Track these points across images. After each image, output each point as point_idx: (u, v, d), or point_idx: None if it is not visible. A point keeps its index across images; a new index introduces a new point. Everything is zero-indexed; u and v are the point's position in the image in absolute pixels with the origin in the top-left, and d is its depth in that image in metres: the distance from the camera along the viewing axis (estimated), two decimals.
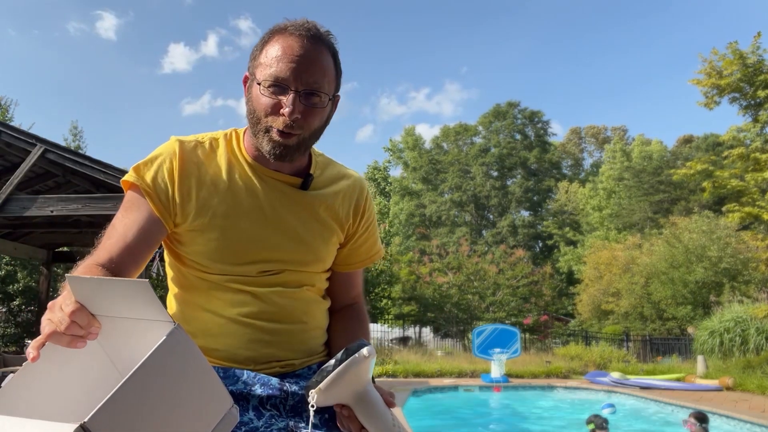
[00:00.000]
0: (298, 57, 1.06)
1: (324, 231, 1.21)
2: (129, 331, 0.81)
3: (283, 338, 1.14)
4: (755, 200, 13.27)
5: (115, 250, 1.05)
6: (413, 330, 23.03)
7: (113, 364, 0.86)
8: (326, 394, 0.94)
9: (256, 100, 1.09)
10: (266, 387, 1.08)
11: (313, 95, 1.07)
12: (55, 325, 0.76)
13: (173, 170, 1.12)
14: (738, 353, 12.99)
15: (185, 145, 1.15)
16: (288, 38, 1.08)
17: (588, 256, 27.74)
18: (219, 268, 1.13)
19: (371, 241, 1.32)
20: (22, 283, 14.38)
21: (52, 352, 0.77)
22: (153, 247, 1.11)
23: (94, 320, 0.78)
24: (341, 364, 0.92)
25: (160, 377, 0.72)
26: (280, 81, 1.05)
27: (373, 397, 0.98)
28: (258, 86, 1.08)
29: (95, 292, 0.78)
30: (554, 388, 11.62)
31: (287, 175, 1.18)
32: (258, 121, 1.09)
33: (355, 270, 1.32)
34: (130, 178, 1.12)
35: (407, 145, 47.24)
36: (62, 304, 0.78)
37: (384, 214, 33.61)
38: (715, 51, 13.79)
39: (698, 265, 19.68)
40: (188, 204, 1.12)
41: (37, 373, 0.77)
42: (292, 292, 1.17)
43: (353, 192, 1.27)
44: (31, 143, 7.82)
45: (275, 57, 1.06)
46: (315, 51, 1.08)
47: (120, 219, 1.11)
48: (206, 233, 1.12)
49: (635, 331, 21.51)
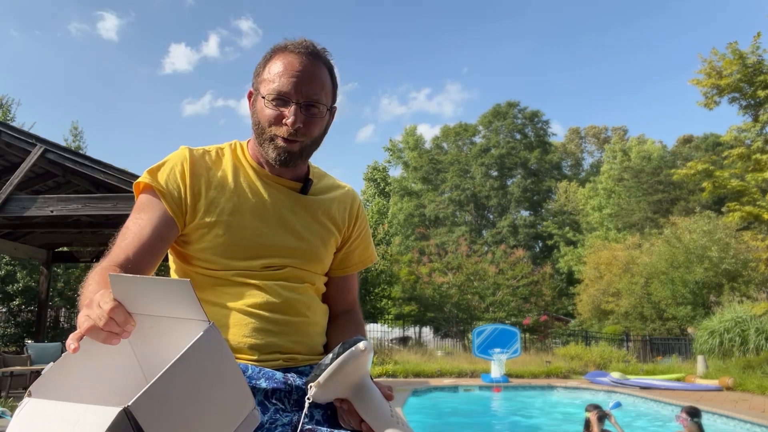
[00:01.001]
0: (299, 72, 1.17)
1: (323, 232, 1.29)
2: (161, 330, 0.84)
3: (287, 329, 1.18)
4: (755, 200, 13.27)
5: (131, 249, 1.11)
6: (413, 330, 23.04)
7: (138, 361, 0.89)
8: (325, 388, 0.97)
9: (261, 113, 1.20)
10: (271, 381, 1.10)
11: (312, 107, 1.18)
12: (93, 321, 0.79)
13: (185, 173, 1.21)
14: (738, 353, 12.99)
15: (194, 152, 1.25)
16: (288, 56, 1.19)
17: (588, 256, 27.75)
18: (225, 264, 1.19)
19: (364, 245, 1.41)
20: (22, 283, 14.37)
21: (87, 345, 0.81)
22: (167, 246, 1.18)
23: (130, 318, 0.82)
24: (338, 357, 0.95)
25: (195, 371, 0.76)
26: (282, 95, 1.17)
27: (371, 390, 1.00)
28: (262, 100, 1.19)
29: (135, 291, 0.81)
30: (554, 388, 11.62)
31: (288, 180, 1.28)
32: (263, 132, 1.20)
33: (350, 273, 1.40)
34: (145, 180, 1.20)
35: (407, 145, 47.25)
36: (100, 302, 0.82)
37: (383, 214, 33.60)
38: (715, 51, 13.80)
39: (699, 265, 19.68)
40: (198, 203, 1.20)
41: (73, 363, 0.81)
42: (294, 286, 1.22)
43: (347, 199, 1.38)
44: (31, 143, 7.82)
45: (277, 73, 1.18)
46: (313, 66, 1.19)
47: (133, 220, 1.17)
48: (214, 230, 1.19)
49: (635, 331, 21.52)
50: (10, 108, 18.47)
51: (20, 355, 9.91)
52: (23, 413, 0.75)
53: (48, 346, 10.08)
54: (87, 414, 0.72)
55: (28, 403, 0.76)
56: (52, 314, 14.75)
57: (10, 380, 8.35)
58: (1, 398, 7.78)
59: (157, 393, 0.71)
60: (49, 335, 13.44)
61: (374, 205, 32.85)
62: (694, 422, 4.94)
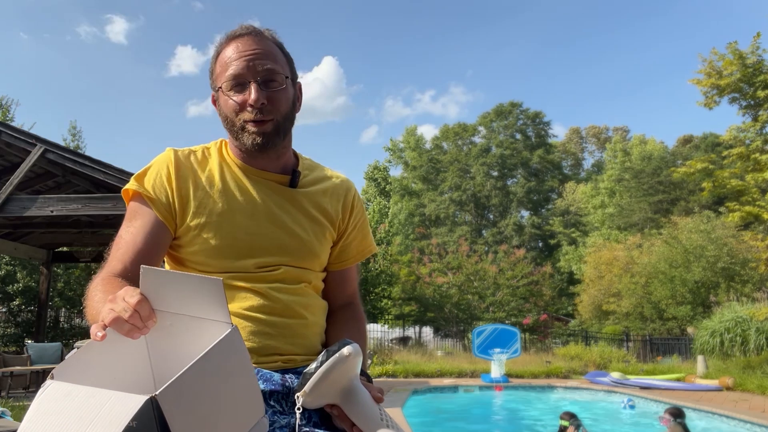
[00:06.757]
0: (247, 51, 1.15)
1: (315, 227, 1.25)
2: (180, 329, 0.85)
3: (285, 332, 1.17)
4: (755, 200, 13.25)
5: (127, 258, 1.11)
6: (413, 330, 23.02)
7: (149, 357, 0.90)
8: (312, 396, 0.97)
9: (225, 105, 1.17)
10: (269, 382, 1.10)
11: (271, 80, 1.15)
12: (117, 313, 0.80)
13: (170, 176, 1.19)
14: (738, 353, 12.98)
15: (179, 154, 1.23)
16: (232, 42, 1.18)
17: (589, 255, 27.74)
18: (218, 265, 1.17)
19: (361, 236, 1.36)
20: (22, 283, 14.36)
21: (109, 336, 0.82)
22: (162, 251, 1.17)
23: (153, 314, 0.83)
24: (322, 365, 0.95)
25: (218, 370, 0.77)
26: (237, 78, 1.14)
27: (360, 395, 1.00)
28: (222, 92, 1.17)
29: (163, 286, 0.82)
30: (554, 388, 11.61)
31: (275, 173, 1.24)
32: (233, 123, 1.17)
33: (348, 266, 1.35)
34: (132, 187, 1.18)
35: (408, 145, 47.22)
36: (125, 296, 0.82)
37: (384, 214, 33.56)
38: (715, 51, 13.78)
39: (697, 264, 19.69)
40: (187, 205, 1.18)
41: (95, 351, 0.82)
42: (291, 288, 1.20)
43: (341, 190, 1.33)
44: (31, 143, 7.81)
45: (226, 61, 1.16)
46: (259, 42, 1.17)
47: (126, 229, 1.16)
48: (204, 232, 1.17)
49: (635, 331, 21.51)
50: (9, 108, 18.46)
51: (20, 355, 9.90)
52: (47, 393, 0.75)
53: (48, 346, 10.08)
54: (112, 399, 0.72)
55: (51, 384, 0.76)
56: (52, 314, 14.74)
57: (10, 380, 8.35)
58: (1, 398, 7.79)
59: (183, 386, 0.71)
60: (49, 335, 13.44)
61: (375, 204, 32.82)
62: (677, 423, 4.90)
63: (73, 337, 14.05)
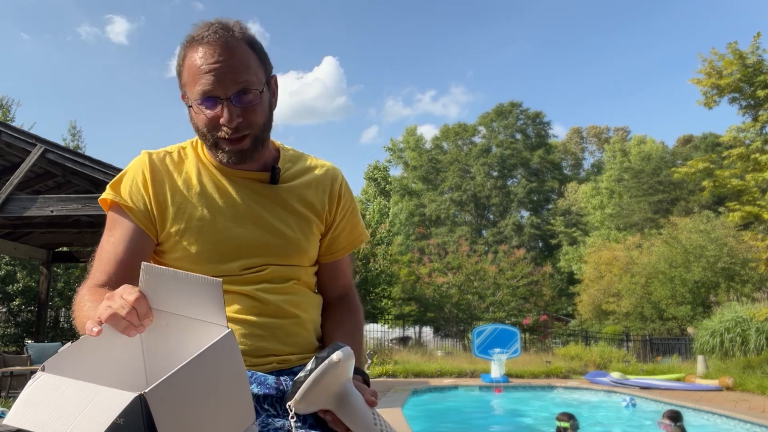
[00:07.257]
0: (216, 64, 1.06)
1: (301, 222, 1.21)
2: (176, 329, 0.85)
3: (277, 332, 1.14)
4: (755, 199, 13.24)
5: (111, 269, 1.09)
6: (413, 330, 23.02)
7: (143, 356, 0.90)
8: (304, 403, 0.95)
9: (196, 118, 1.11)
10: (263, 386, 1.08)
11: (244, 95, 1.08)
12: (115, 309, 0.79)
13: (147, 181, 1.15)
14: (738, 353, 12.97)
15: (154, 157, 1.18)
16: (199, 49, 1.08)
17: (589, 255, 27.73)
18: (202, 270, 1.13)
19: (351, 226, 1.31)
20: (22, 283, 14.36)
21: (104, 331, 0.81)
22: (146, 259, 1.12)
23: (150, 313, 0.82)
24: (312, 373, 0.93)
25: (210, 373, 0.76)
26: (208, 94, 1.07)
27: (353, 399, 0.99)
28: (192, 106, 1.11)
29: (162, 285, 0.82)
30: (554, 388, 11.61)
31: (255, 171, 1.19)
32: (205, 138, 1.12)
33: (339, 258, 1.32)
34: (108, 197, 1.15)
35: (408, 145, 47.21)
36: (123, 293, 0.82)
37: (384, 214, 33.56)
38: (715, 51, 13.77)
39: (697, 264, 19.69)
40: (165, 211, 1.15)
41: (89, 346, 0.81)
42: (279, 287, 1.17)
43: (326, 180, 1.27)
44: (31, 143, 7.81)
45: (196, 72, 1.08)
46: (229, 51, 1.07)
47: (107, 239, 1.14)
48: (185, 237, 1.14)
49: (635, 331, 21.51)
50: (10, 108, 18.46)
51: (20, 355, 9.90)
52: (36, 385, 0.74)
53: (48, 346, 10.08)
54: (101, 395, 0.72)
55: (41, 376, 0.75)
56: (52, 314, 14.74)
57: (10, 380, 8.35)
58: (1, 398, 7.78)
59: (173, 385, 0.71)
60: (49, 335, 13.44)
61: (375, 204, 32.82)
62: (677, 426, 4.86)
63: (73, 337, 14.03)
